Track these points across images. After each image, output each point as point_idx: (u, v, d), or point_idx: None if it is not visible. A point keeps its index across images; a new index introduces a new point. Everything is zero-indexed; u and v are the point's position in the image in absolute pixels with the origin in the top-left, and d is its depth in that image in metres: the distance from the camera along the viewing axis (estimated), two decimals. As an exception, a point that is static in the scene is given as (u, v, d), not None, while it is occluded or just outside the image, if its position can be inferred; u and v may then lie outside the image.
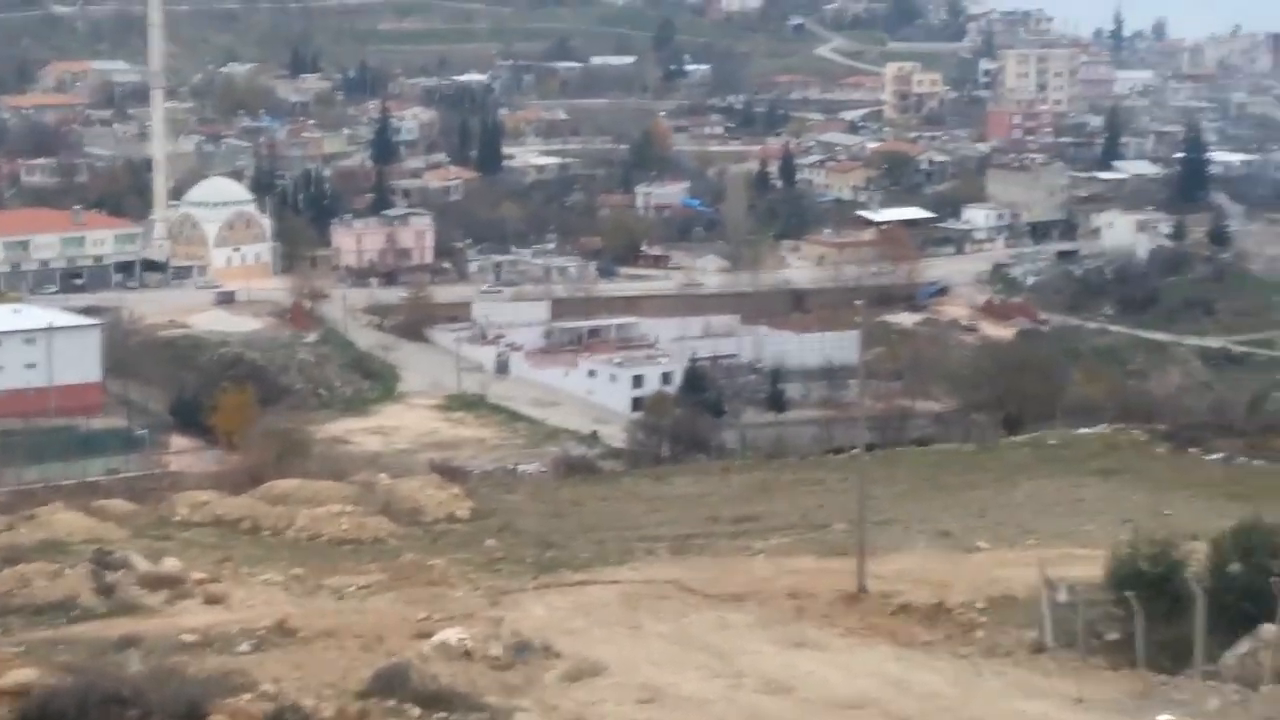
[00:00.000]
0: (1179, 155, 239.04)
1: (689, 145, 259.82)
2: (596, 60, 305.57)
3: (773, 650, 35.23)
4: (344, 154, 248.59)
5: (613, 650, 34.46)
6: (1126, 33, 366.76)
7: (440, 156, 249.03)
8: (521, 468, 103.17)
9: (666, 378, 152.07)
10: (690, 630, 37.75)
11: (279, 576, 45.28)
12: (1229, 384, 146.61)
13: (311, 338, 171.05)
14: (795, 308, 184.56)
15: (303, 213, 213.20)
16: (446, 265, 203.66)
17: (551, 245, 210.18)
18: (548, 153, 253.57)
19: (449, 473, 78.72)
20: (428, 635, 34.33)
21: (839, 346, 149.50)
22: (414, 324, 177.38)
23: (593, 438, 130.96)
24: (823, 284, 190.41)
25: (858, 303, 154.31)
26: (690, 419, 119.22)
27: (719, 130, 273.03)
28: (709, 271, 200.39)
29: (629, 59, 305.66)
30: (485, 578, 46.26)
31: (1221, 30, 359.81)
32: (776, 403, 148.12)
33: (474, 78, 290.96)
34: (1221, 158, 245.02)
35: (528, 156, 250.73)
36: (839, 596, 42.67)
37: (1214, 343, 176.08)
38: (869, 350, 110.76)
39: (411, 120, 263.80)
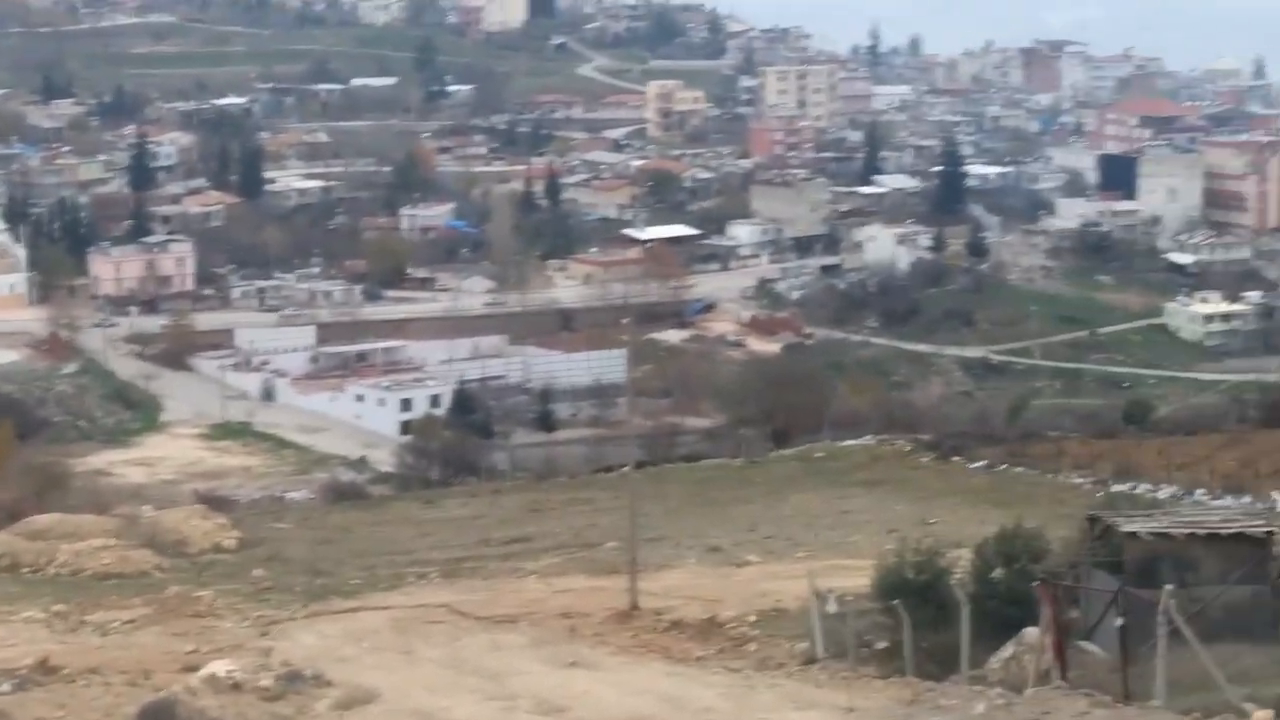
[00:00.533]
0: (937, 169, 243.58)
1: (453, 166, 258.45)
2: (357, 82, 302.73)
3: (546, 671, 35.21)
4: (101, 181, 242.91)
5: (385, 677, 34.20)
6: (883, 49, 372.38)
7: (200, 182, 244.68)
8: (289, 495, 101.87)
9: (435, 400, 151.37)
10: (463, 654, 37.63)
11: (40, 614, 44.32)
12: (990, 393, 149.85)
13: (70, 369, 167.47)
14: (563, 327, 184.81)
15: (59, 241, 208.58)
16: (209, 292, 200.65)
17: (316, 269, 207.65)
18: (310, 176, 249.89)
19: (215, 502, 77.69)
20: (195, 668, 33.59)
21: (607, 365, 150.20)
22: (176, 352, 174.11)
23: (361, 462, 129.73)
24: (590, 303, 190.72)
25: (625, 321, 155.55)
26: (459, 441, 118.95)
27: (483, 151, 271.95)
28: (476, 293, 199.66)
29: (390, 80, 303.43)
30: (254, 608, 45.81)
31: (975, 46, 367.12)
32: (546, 423, 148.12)
33: (233, 101, 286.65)
34: (977, 170, 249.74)
35: (290, 180, 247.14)
36: (611, 615, 42.88)
37: (974, 353, 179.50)
38: (637, 368, 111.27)
39: (170, 145, 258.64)
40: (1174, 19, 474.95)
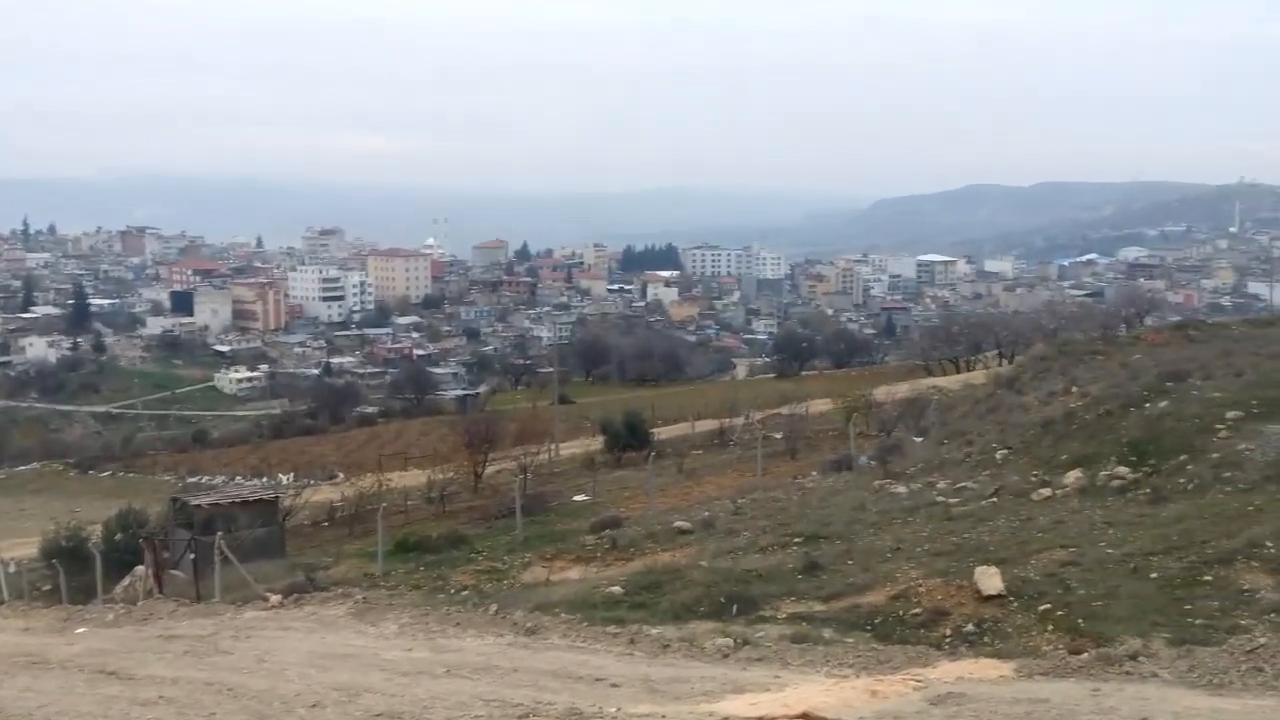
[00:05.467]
0: (71, 302, 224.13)
1: None
2: None
3: None
4: None
5: None
6: (33, 230, 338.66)
7: None
8: None
9: None
10: None
11: None
12: (111, 431, 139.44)
13: None
14: None
15: None
16: None
17: None
18: None
19: None
20: None
21: None
22: None
23: None
24: None
25: None
26: None
27: None
28: None
29: None
30: None
31: (91, 229, 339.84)
32: None
33: None
34: (98, 302, 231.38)
35: None
36: None
37: (101, 408, 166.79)
38: None
39: None
40: (213, 214, 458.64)
